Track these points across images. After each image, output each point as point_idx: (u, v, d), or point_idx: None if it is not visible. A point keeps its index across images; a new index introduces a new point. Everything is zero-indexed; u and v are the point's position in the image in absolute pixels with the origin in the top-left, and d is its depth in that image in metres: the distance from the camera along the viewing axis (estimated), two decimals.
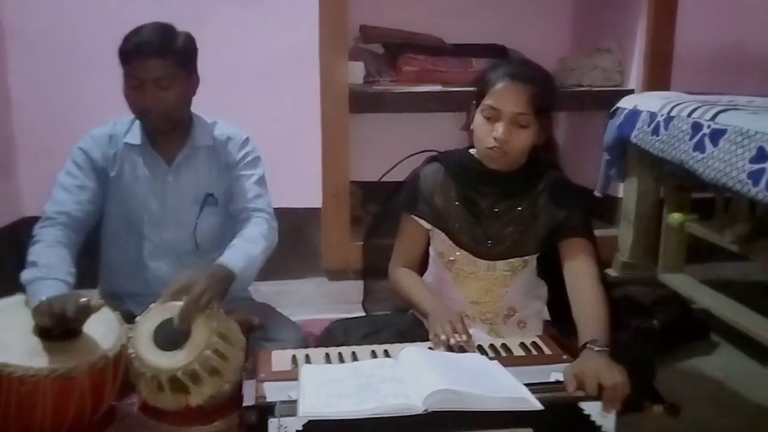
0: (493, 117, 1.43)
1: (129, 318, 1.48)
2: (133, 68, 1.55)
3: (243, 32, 2.48)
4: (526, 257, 1.54)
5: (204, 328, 1.39)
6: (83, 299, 1.31)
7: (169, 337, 1.39)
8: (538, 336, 1.46)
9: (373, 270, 1.77)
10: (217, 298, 1.44)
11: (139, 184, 1.69)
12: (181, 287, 1.42)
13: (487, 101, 1.43)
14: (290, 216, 2.34)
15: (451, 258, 1.55)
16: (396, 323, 1.58)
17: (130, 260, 1.72)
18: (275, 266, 1.71)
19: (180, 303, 1.40)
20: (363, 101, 2.64)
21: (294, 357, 1.33)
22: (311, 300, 2.45)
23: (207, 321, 1.40)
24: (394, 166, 2.87)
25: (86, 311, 1.31)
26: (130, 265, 1.72)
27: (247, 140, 1.77)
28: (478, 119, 1.46)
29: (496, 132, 1.42)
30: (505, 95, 1.41)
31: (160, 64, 1.55)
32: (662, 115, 2.14)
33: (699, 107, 1.99)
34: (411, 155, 2.74)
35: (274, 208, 1.75)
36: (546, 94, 1.43)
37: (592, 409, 1.14)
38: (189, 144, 1.70)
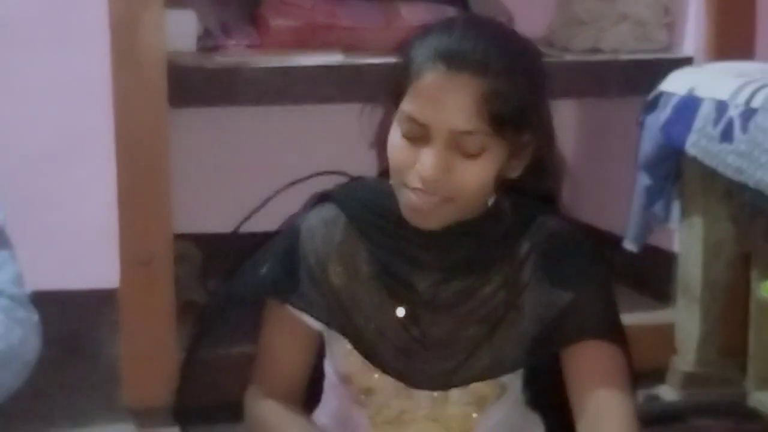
0: (416, 135, 1.43)
1: None
2: None
3: None
4: (504, 379, 1.57)
5: None
6: None
7: None
8: None
9: (199, 411, 1.76)
10: None
11: None
12: None
13: (407, 106, 1.44)
14: (60, 307, 2.30)
15: (366, 385, 1.56)
16: None
17: None
18: (35, 405, 1.67)
19: None
20: (195, 85, 2.66)
21: None
22: None
23: None
24: (261, 205, 2.89)
25: None
26: None
27: None
28: (395, 137, 1.46)
29: (421, 165, 1.42)
30: (436, 97, 1.41)
31: None
32: (737, 107, 2.24)
33: None
34: (290, 185, 2.77)
35: (32, 294, 1.73)
36: (516, 91, 1.43)
37: None
38: None
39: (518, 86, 1.43)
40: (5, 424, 1.65)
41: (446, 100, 1.40)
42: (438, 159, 1.41)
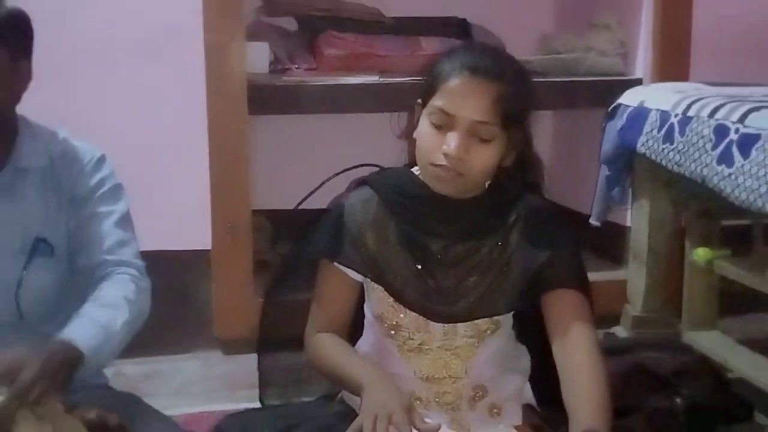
0: (444, 125, 1.46)
1: None
2: None
3: (89, 4, 2.47)
4: (497, 317, 1.57)
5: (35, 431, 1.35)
6: None
7: None
8: (516, 427, 1.48)
9: (275, 341, 1.76)
10: (55, 390, 1.41)
11: None
12: (5, 371, 1.38)
13: (437, 102, 1.46)
14: (166, 263, 2.32)
15: (395, 322, 1.57)
16: (316, 416, 1.57)
17: None
18: (145, 337, 1.69)
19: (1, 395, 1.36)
20: (268, 98, 2.66)
21: None
22: (197, 385, 2.43)
23: (38, 422, 1.36)
24: (317, 188, 2.90)
25: None
26: None
27: (102, 160, 1.74)
28: (424, 125, 1.49)
29: (447, 145, 1.44)
30: (462, 95, 1.44)
31: None
32: (677, 115, 2.22)
33: (724, 104, 2.08)
34: (340, 172, 2.78)
35: (142, 252, 1.73)
36: (518, 98, 1.47)
37: None
38: (11, 164, 1.67)
39: (521, 92, 1.48)
40: (126, 353, 1.66)
41: (469, 97, 1.44)
42: (461, 141, 1.44)
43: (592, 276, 1.61)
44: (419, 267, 1.55)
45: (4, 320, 1.67)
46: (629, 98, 2.48)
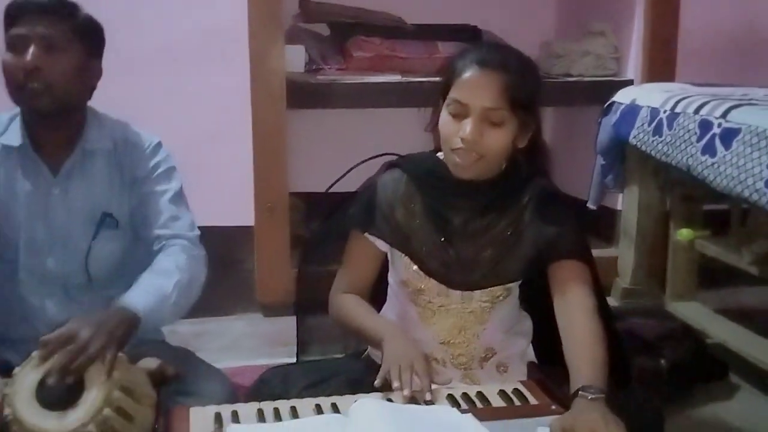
0: (459, 113, 1.45)
1: (6, 370, 1.43)
2: (20, 26, 1.55)
3: (150, 9, 2.47)
4: (509, 285, 1.56)
5: (102, 382, 1.35)
6: None
7: (58, 394, 1.34)
8: (522, 382, 1.47)
9: (310, 305, 1.76)
10: (114, 346, 1.41)
11: (15, 198, 1.65)
12: (68, 331, 1.38)
13: (453, 94, 1.46)
14: (215, 237, 2.29)
15: (418, 287, 1.56)
16: (348, 369, 1.57)
17: (4, 296, 1.67)
18: (196, 301, 1.69)
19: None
20: (304, 94, 2.65)
21: (218, 415, 1.31)
22: (242, 342, 2.44)
23: (105, 372, 1.36)
24: (344, 174, 2.88)
25: None
26: (4, 302, 1.67)
27: (159, 146, 1.75)
28: (444, 116, 1.48)
29: (462, 131, 1.44)
30: (473, 86, 1.43)
31: (53, 22, 1.55)
32: (665, 112, 2.20)
33: (708, 102, 2.06)
34: (364, 161, 2.76)
35: (200, 227, 1.74)
36: (525, 85, 1.45)
37: None
38: (80, 147, 1.67)
39: (526, 83, 1.46)
40: None
41: (480, 87, 1.43)
42: (474, 126, 1.43)
43: None
44: (442, 239, 1.54)
45: (76, 283, 1.69)
46: (622, 96, 2.47)
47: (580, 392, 1.29)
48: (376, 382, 1.34)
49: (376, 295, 1.65)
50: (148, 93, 2.45)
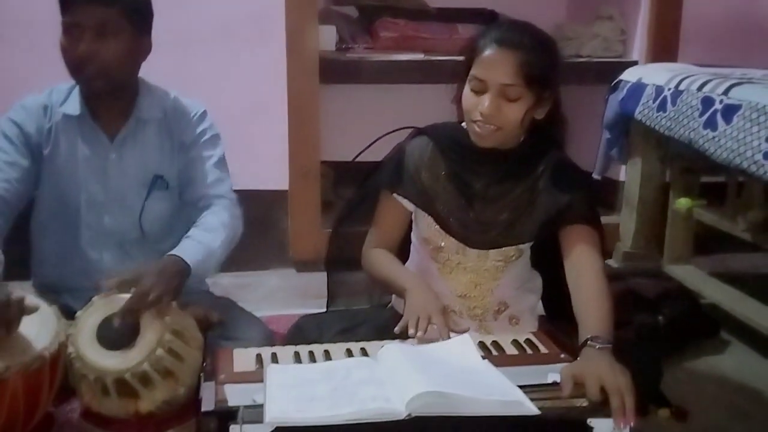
0: (479, 89, 1.43)
1: (67, 314, 1.45)
2: (73, 13, 1.52)
3: None
4: (521, 246, 1.54)
5: (156, 325, 1.37)
6: (14, 297, 1.27)
7: (116, 335, 1.36)
8: (533, 333, 1.47)
9: (341, 261, 1.75)
10: (170, 293, 1.42)
11: (76, 162, 1.66)
12: (129, 279, 1.40)
13: (473, 71, 1.44)
14: (253, 200, 2.30)
15: (439, 245, 1.55)
16: (375, 318, 1.58)
17: (67, 249, 1.69)
18: (236, 256, 1.71)
19: (127, 296, 1.37)
20: (335, 70, 2.62)
21: (259, 356, 1.32)
22: (277, 294, 2.45)
23: (160, 317, 1.38)
24: (370, 144, 2.85)
25: (15, 313, 1.28)
26: (67, 254, 1.69)
27: (204, 114, 1.74)
28: (466, 91, 1.46)
29: (481, 105, 1.42)
30: (491, 64, 1.41)
31: (103, 9, 1.53)
32: (669, 89, 2.16)
33: (710, 80, 2.02)
34: (389, 132, 2.73)
35: (235, 190, 1.74)
36: (540, 63, 1.41)
37: (602, 427, 1.12)
38: (134, 116, 1.67)
39: (542, 59, 1.43)
40: (223, 268, 1.68)
41: (497, 65, 1.41)
42: (492, 101, 1.42)
43: None
44: (463, 201, 1.53)
45: (131, 238, 1.70)
46: (629, 75, 2.43)
47: (588, 342, 1.28)
48: (396, 329, 1.34)
49: (402, 253, 1.65)
50: (193, 67, 2.44)
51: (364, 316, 1.61)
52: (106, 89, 1.59)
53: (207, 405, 1.11)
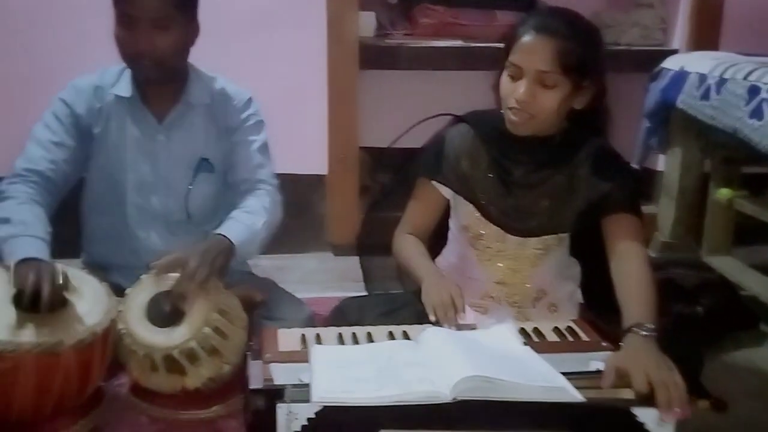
0: (516, 75, 1.41)
1: (116, 291, 1.47)
2: (127, 5, 1.53)
3: None
4: (562, 234, 1.53)
5: (203, 304, 1.39)
6: (62, 275, 1.30)
7: (164, 313, 1.38)
8: (573, 321, 1.45)
9: (375, 246, 1.75)
10: (216, 273, 1.44)
11: (125, 143, 1.68)
12: (177, 259, 1.42)
13: (511, 57, 1.42)
14: (292, 184, 2.32)
15: (479, 232, 1.54)
16: (415, 302, 1.56)
17: (116, 228, 1.71)
18: (275, 238, 1.72)
19: (176, 275, 1.39)
20: (374, 56, 2.61)
21: (303, 336, 1.33)
22: (315, 276, 2.46)
23: (206, 296, 1.39)
24: (407, 130, 2.82)
25: (63, 290, 1.30)
26: (115, 233, 1.72)
27: (250, 101, 1.75)
28: (503, 77, 1.45)
29: (517, 92, 1.40)
30: (528, 50, 1.39)
31: (157, 1, 1.53)
32: (714, 78, 2.11)
33: (756, 69, 1.97)
34: (426, 119, 2.71)
35: (276, 174, 1.75)
36: (579, 50, 1.38)
37: (646, 416, 1.10)
38: (183, 100, 1.68)
39: (580, 47, 1.39)
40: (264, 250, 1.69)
41: (534, 52, 1.39)
42: (527, 88, 1.40)
43: None
44: (503, 189, 1.51)
45: (177, 219, 1.72)
46: (671, 63, 2.38)
47: (632, 328, 1.26)
48: (431, 318, 1.36)
49: (438, 239, 1.64)
50: (237, 52, 2.43)
51: (405, 299, 1.60)
52: (160, 77, 1.61)
53: (255, 383, 1.12)
